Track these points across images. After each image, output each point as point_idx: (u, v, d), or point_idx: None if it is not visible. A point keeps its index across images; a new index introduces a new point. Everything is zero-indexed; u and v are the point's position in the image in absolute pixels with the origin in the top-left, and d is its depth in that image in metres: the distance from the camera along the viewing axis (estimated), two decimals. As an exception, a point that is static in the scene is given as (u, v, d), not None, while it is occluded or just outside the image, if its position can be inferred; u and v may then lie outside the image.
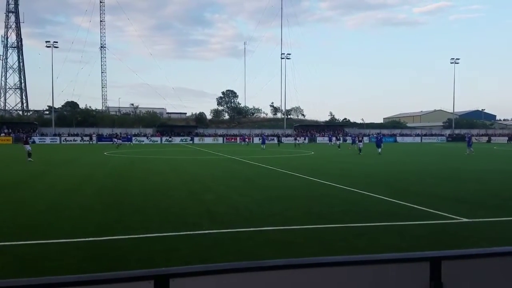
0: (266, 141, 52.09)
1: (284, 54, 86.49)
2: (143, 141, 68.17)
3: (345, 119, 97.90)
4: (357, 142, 37.85)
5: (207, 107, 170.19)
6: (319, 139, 74.84)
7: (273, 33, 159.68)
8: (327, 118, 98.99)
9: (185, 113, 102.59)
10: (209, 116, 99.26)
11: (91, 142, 63.18)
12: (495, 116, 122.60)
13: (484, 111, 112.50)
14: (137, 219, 8.79)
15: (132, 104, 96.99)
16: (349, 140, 45.20)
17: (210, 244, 6.85)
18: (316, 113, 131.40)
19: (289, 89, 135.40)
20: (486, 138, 74.34)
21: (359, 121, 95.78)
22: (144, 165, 23.37)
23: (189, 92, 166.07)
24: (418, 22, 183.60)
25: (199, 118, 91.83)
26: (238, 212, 9.57)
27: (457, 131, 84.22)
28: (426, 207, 10.02)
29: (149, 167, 22.04)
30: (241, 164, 24.44)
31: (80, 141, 66.33)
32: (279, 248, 6.59)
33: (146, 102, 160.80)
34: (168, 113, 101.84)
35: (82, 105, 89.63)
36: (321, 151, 41.05)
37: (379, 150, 33.38)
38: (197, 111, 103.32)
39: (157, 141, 68.71)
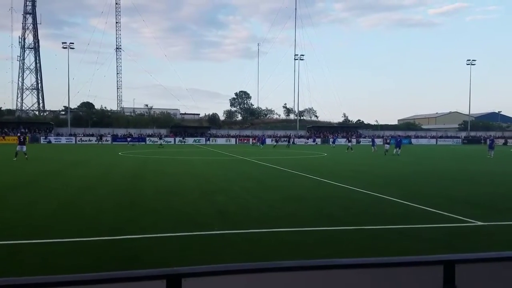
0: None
1: (297, 55, 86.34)
2: (156, 141, 68.76)
3: (359, 120, 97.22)
4: (384, 144, 39.55)
5: (220, 108, 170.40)
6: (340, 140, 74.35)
7: (287, 34, 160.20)
8: (340, 119, 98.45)
9: (198, 114, 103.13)
10: (222, 117, 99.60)
11: (100, 143, 63.66)
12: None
13: (501, 113, 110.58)
14: (150, 219, 8.86)
15: (147, 105, 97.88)
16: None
17: (222, 245, 6.87)
18: (330, 114, 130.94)
19: (302, 90, 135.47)
20: (502, 141, 73.00)
21: (373, 122, 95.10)
22: (157, 166, 23.55)
23: (203, 93, 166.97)
24: (434, 23, 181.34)
25: (212, 119, 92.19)
26: (250, 213, 9.58)
27: (472, 133, 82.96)
28: (440, 209, 9.89)
29: (162, 168, 22.20)
30: (253, 165, 24.45)
31: (95, 141, 67.16)
32: (291, 249, 6.57)
33: (160, 103, 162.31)
34: (181, 114, 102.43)
35: (97, 106, 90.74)
36: (335, 152, 40.84)
37: (399, 151, 34.28)
38: (210, 112, 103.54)
39: (170, 141, 69.16)
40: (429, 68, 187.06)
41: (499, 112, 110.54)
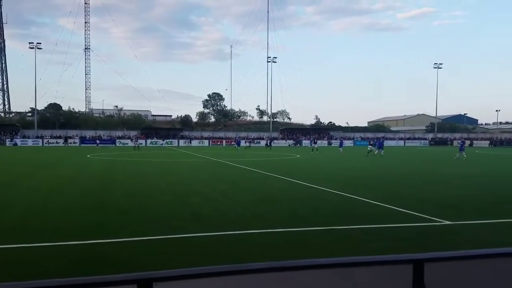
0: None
1: (270, 57, 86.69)
2: (127, 143, 67.47)
3: (331, 122, 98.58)
4: (369, 146, 41.41)
5: (193, 109, 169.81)
6: (305, 142, 75.17)
7: (259, 36, 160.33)
8: (312, 121, 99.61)
9: (171, 116, 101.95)
10: (194, 118, 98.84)
11: (66, 145, 61.82)
12: (477, 120, 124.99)
13: (466, 115, 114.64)
14: (120, 222, 8.69)
15: (116, 106, 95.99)
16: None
17: (195, 247, 6.81)
18: (302, 117, 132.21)
19: (275, 93, 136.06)
20: (468, 142, 75.68)
21: (344, 124, 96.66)
22: (128, 168, 23.13)
23: (175, 95, 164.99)
24: (402, 27, 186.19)
25: (185, 121, 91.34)
26: (224, 215, 9.55)
27: (439, 135, 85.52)
28: (410, 210, 10.15)
29: (133, 170, 21.82)
30: (227, 167, 24.39)
31: (63, 143, 65.26)
32: (264, 251, 6.59)
33: (131, 105, 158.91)
34: (153, 115, 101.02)
35: (65, 107, 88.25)
36: (306, 154, 41.25)
37: (382, 151, 36.63)
38: (182, 113, 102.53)
39: (141, 143, 68.08)
40: (398, 71, 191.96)
41: (464, 114, 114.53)
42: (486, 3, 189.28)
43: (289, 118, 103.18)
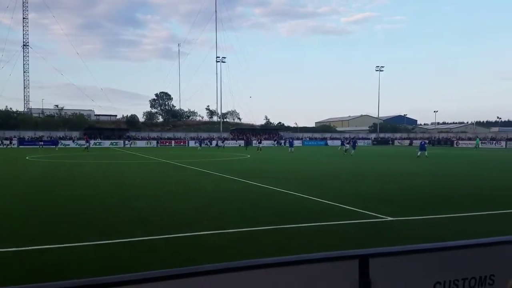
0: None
1: (219, 57, 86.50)
2: (69, 144, 64.40)
3: (280, 123, 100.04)
4: (345, 145, 43.83)
5: (139, 109, 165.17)
6: (255, 143, 75.71)
7: (208, 36, 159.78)
8: (262, 122, 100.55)
9: (116, 115, 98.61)
10: (141, 118, 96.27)
11: (10, 146, 58.36)
12: (416, 121, 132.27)
13: (406, 116, 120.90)
14: (63, 227, 8.29)
15: (57, 106, 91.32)
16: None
17: (144, 251, 6.64)
18: (252, 117, 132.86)
19: (225, 93, 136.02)
20: (408, 142, 79.84)
21: (293, 125, 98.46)
22: (70, 171, 22.09)
23: (120, 94, 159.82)
24: (346, 31, 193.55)
25: (131, 121, 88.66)
26: (173, 217, 9.39)
27: (381, 135, 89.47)
28: (355, 207, 10.53)
29: (76, 173, 20.88)
30: (176, 168, 24.01)
31: (0, 145, 61.06)
32: (215, 252, 6.56)
33: (73, 104, 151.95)
34: (96, 115, 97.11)
35: (1, 107, 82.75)
36: (256, 154, 41.56)
37: (353, 151, 38.80)
38: (128, 113, 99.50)
39: (84, 144, 65.30)
40: (343, 73, 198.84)
41: (404, 115, 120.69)
42: (425, 8, 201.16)
43: (239, 119, 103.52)
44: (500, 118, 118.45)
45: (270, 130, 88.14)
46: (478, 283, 2.60)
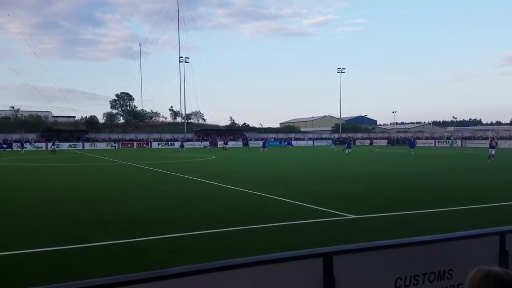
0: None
1: (182, 57, 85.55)
2: (26, 147, 61.63)
3: (245, 123, 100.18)
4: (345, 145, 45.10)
5: (99, 110, 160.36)
6: (220, 144, 75.43)
7: (170, 36, 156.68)
8: (227, 122, 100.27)
9: (74, 117, 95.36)
10: (101, 120, 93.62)
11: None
12: (376, 121, 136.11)
13: (367, 116, 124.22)
14: (20, 233, 7.91)
15: (13, 107, 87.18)
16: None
17: (105, 257, 6.45)
18: (217, 118, 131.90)
19: (189, 94, 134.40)
20: (368, 141, 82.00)
21: (258, 125, 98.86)
22: (27, 174, 21.15)
23: (79, 94, 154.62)
24: (308, 33, 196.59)
25: (90, 122, 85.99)
26: (135, 221, 9.18)
27: (344, 135, 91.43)
28: (319, 206, 10.70)
29: (33, 176, 20.02)
30: (138, 170, 23.52)
31: None
32: (182, 255, 6.46)
33: (29, 105, 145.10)
34: (54, 116, 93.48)
35: (-48, 109, 78.03)
36: (224, 155, 41.39)
37: (349, 150, 41.34)
38: (88, 114, 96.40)
39: (42, 147, 62.67)
40: (306, 75, 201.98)
41: (365, 115, 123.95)
42: (383, 12, 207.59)
43: (203, 119, 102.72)
44: (456, 118, 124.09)
45: (235, 131, 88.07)
46: (438, 277, 2.70)
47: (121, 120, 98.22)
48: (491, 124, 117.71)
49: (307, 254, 2.34)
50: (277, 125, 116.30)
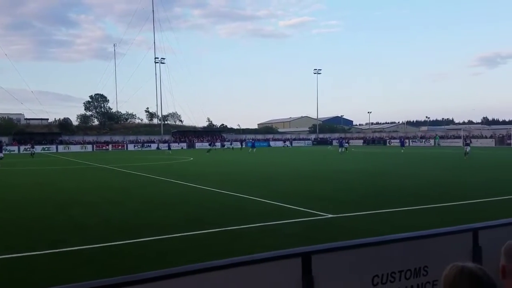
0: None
1: (158, 58, 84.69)
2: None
3: (223, 124, 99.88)
4: (344, 144, 47.01)
5: (73, 112, 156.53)
6: (198, 145, 74.98)
7: (146, 36, 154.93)
8: (205, 124, 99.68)
9: (47, 119, 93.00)
10: (75, 122, 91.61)
11: None
12: (352, 121, 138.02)
13: (343, 117, 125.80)
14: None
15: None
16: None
17: (80, 262, 6.31)
18: (194, 119, 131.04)
19: (165, 95, 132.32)
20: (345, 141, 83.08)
21: (236, 126, 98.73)
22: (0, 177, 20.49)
23: (52, 96, 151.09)
24: (285, 34, 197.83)
25: (64, 124, 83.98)
26: (111, 224, 9.02)
27: (321, 135, 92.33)
28: (297, 205, 10.76)
29: (5, 180, 19.39)
30: (115, 173, 23.12)
31: None
32: (159, 258, 6.38)
33: (1, 108, 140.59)
34: (26, 119, 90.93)
35: None
36: (201, 156, 41.13)
37: (342, 149, 43.89)
38: (61, 116, 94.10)
39: (14, 150, 60.84)
40: (283, 76, 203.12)
41: (341, 116, 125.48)
42: (358, 14, 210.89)
43: (181, 121, 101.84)
44: (429, 118, 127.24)
45: (213, 132, 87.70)
46: (413, 274, 2.75)
47: (96, 122, 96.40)
48: (463, 123, 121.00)
49: (285, 254, 2.34)
50: (255, 126, 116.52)
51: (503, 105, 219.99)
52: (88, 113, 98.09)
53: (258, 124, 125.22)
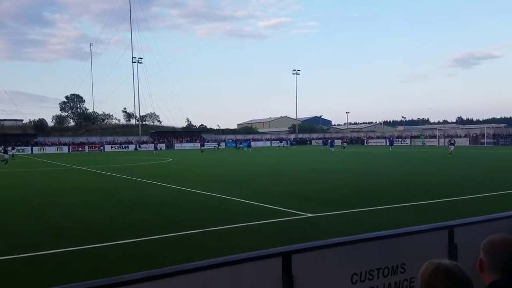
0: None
1: (135, 58, 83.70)
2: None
3: (202, 125, 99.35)
4: (332, 144, 49.90)
5: (48, 113, 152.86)
6: (177, 145, 74.32)
7: (123, 36, 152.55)
8: (184, 124, 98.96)
9: (22, 120, 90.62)
10: (51, 123, 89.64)
11: None
12: (331, 121, 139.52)
13: (322, 117, 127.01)
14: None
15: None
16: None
17: (57, 265, 6.16)
18: (173, 119, 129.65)
19: (143, 95, 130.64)
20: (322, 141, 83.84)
21: (215, 127, 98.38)
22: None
23: (26, 97, 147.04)
24: (264, 35, 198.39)
25: (39, 126, 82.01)
26: (89, 227, 8.85)
27: (300, 135, 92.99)
28: (277, 205, 10.79)
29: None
30: (91, 175, 22.70)
31: None
32: (138, 261, 6.30)
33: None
34: (0, 120, 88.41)
35: None
36: (181, 157, 40.79)
37: (332, 149, 46.21)
38: (36, 117, 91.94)
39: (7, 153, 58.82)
40: (263, 76, 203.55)
41: (320, 116, 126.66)
42: (335, 15, 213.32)
43: (159, 121, 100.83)
44: (405, 118, 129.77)
45: (192, 133, 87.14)
46: (391, 272, 2.79)
47: (72, 123, 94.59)
48: (438, 123, 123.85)
49: (266, 254, 2.35)
50: (235, 126, 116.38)
51: (477, 105, 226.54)
52: (64, 113, 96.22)
53: (238, 124, 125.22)
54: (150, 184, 17.06)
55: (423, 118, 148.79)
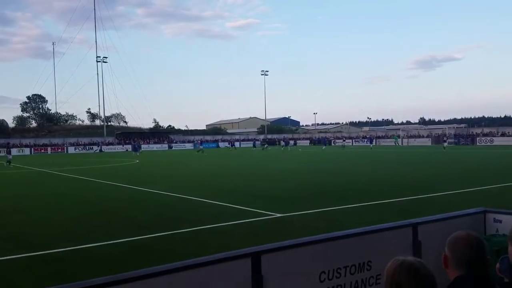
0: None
1: (100, 57, 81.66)
2: None
3: (170, 126, 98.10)
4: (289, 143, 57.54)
5: (8, 114, 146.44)
6: (144, 146, 72.87)
7: (87, 35, 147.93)
8: (151, 125, 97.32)
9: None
10: (11, 124, 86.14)
11: None
12: (299, 122, 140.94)
13: (290, 118, 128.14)
14: None
15: None
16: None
17: (17, 271, 5.92)
18: (140, 120, 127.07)
19: (108, 95, 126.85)
20: (292, 142, 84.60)
21: (183, 127, 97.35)
22: None
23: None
24: (232, 36, 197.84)
25: (-1, 127, 78.71)
26: (51, 231, 8.55)
27: (269, 136, 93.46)
28: (245, 206, 10.79)
29: None
30: (54, 177, 21.95)
31: None
32: (104, 265, 6.13)
33: None
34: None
35: None
36: (145, 158, 40.08)
37: (324, 147, 52.93)
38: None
39: None
40: (231, 77, 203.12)
41: (289, 117, 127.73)
42: (301, 17, 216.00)
43: (125, 122, 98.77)
44: (370, 119, 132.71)
45: (160, 134, 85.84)
46: (358, 269, 2.85)
47: (34, 124, 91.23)
48: (402, 123, 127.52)
49: (235, 255, 2.34)
50: (204, 127, 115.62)
51: (438, 106, 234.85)
52: (25, 114, 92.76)
53: (206, 125, 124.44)
54: (116, 186, 16.66)
55: (387, 119, 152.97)
